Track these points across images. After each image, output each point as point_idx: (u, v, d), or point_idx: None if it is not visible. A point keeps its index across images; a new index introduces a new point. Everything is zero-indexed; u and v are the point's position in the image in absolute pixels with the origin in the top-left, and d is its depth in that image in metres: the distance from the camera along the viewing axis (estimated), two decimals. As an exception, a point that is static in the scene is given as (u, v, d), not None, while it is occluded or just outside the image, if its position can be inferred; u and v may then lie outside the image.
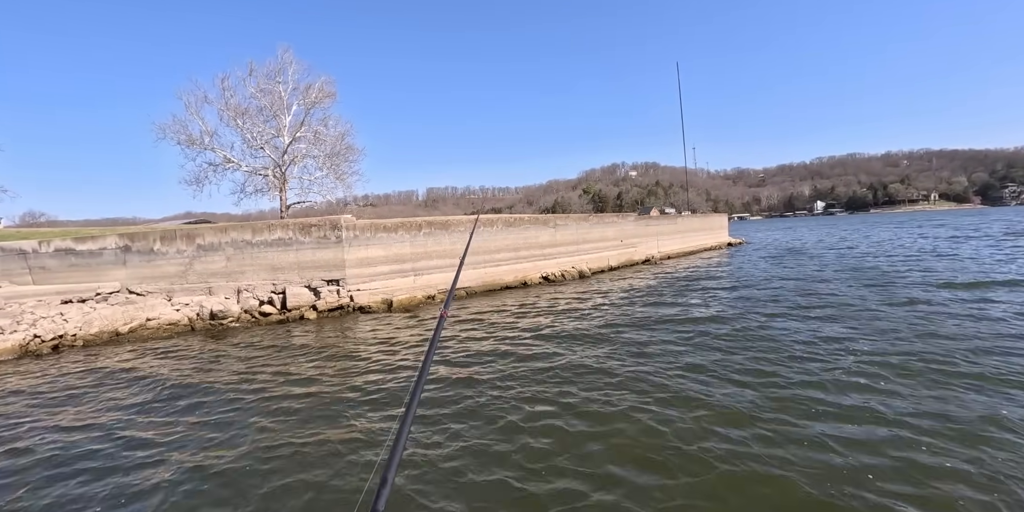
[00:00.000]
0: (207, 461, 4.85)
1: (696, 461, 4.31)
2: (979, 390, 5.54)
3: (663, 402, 5.67)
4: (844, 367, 6.53)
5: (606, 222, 21.96)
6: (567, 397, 6.02)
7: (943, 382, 5.82)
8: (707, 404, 5.54)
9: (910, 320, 9.17)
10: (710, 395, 5.79)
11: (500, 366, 7.60)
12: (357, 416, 5.80)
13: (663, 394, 5.92)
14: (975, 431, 4.57)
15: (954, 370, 6.20)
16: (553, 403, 5.86)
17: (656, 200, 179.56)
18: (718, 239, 36.00)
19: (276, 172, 31.30)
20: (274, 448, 5.05)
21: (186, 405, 6.63)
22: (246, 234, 13.46)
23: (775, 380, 6.22)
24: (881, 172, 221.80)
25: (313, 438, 5.25)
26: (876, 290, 12.73)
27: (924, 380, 5.93)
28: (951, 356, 6.75)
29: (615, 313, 11.47)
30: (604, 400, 5.86)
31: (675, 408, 5.48)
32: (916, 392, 5.56)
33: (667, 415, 5.29)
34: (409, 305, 13.45)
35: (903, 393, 5.55)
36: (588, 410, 5.60)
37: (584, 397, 6.01)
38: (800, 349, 7.61)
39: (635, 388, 6.20)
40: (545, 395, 6.14)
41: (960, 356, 6.73)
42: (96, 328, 12.01)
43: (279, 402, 6.47)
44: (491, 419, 5.47)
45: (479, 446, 4.82)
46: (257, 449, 5.05)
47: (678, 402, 5.66)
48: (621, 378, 6.64)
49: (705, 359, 7.40)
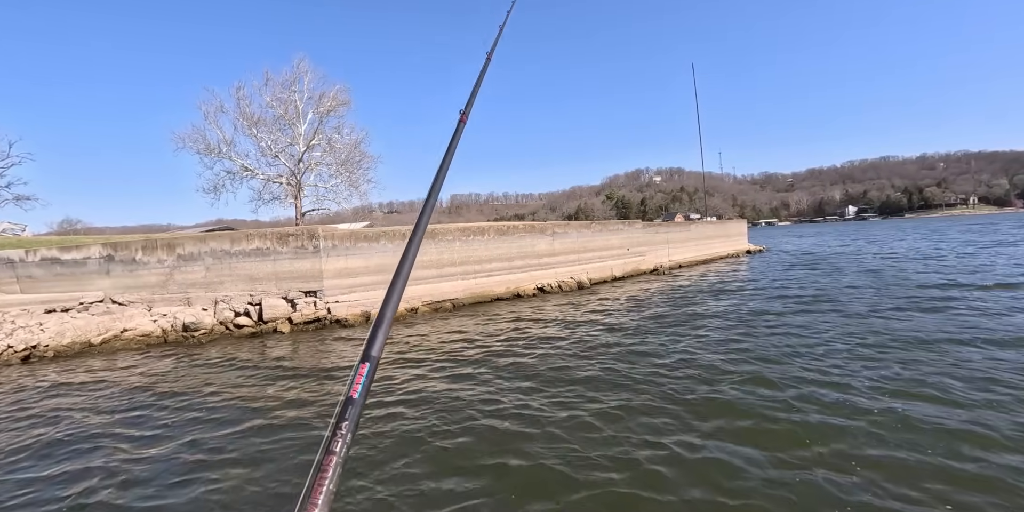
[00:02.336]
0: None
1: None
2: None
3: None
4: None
5: (610, 229, 21.11)
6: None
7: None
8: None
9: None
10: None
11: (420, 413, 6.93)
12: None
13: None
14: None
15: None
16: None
17: (681, 206, 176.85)
18: (736, 246, 34.64)
19: (291, 180, 31.44)
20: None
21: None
22: (224, 244, 13.13)
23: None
24: (916, 175, 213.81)
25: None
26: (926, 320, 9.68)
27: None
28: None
29: (562, 342, 9.49)
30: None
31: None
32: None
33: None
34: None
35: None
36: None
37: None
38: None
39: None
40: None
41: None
42: (68, 339, 11.79)
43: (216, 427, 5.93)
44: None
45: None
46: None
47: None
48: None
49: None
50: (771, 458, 4.40)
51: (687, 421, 5.33)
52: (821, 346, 8.11)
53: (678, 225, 28.62)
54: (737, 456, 4.47)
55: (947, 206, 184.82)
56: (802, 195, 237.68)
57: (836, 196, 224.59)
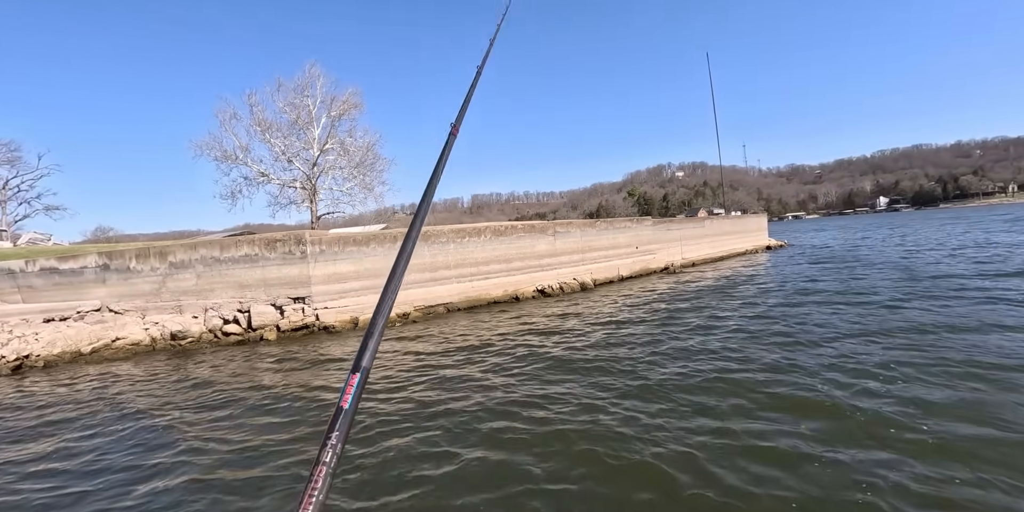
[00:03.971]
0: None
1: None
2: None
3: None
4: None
5: (617, 228, 20.46)
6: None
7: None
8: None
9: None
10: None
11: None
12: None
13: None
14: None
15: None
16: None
17: (704, 201, 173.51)
18: (755, 242, 33.48)
19: (306, 184, 31.58)
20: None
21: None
22: (214, 251, 12.99)
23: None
24: (951, 163, 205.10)
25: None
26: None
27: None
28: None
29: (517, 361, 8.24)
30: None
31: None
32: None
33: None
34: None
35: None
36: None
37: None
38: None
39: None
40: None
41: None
42: (59, 348, 11.79)
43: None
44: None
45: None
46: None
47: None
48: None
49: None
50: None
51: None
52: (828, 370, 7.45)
53: (691, 221, 27.73)
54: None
55: (984, 195, 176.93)
56: (830, 187, 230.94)
57: (866, 187, 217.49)
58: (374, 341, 1.17)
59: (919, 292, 11.98)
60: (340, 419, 1.02)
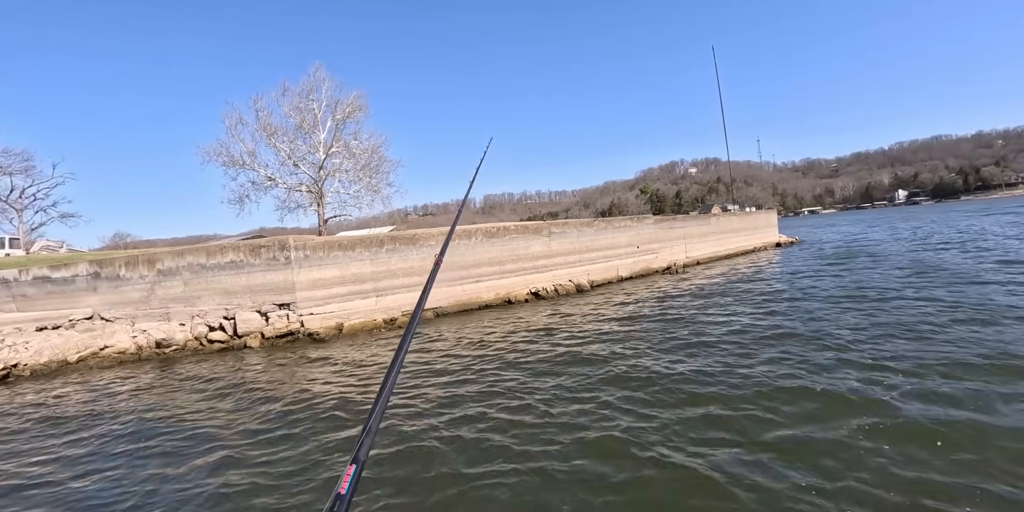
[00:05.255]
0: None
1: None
2: None
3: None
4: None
5: (616, 227, 20.05)
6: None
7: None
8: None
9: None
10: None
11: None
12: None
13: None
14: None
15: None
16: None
17: (718, 197, 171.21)
18: (764, 239, 32.76)
19: (313, 187, 31.60)
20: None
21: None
22: (200, 257, 12.90)
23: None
24: (972, 155, 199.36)
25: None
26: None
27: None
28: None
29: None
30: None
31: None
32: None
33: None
34: (363, 330, 12.40)
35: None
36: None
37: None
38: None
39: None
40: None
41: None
42: (46, 357, 11.78)
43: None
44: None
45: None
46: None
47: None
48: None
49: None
50: None
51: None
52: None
53: (695, 219, 27.16)
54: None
55: (1007, 186, 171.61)
56: (848, 180, 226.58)
57: (884, 180, 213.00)
58: (370, 437, 1.21)
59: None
60: (337, 505, 1.06)
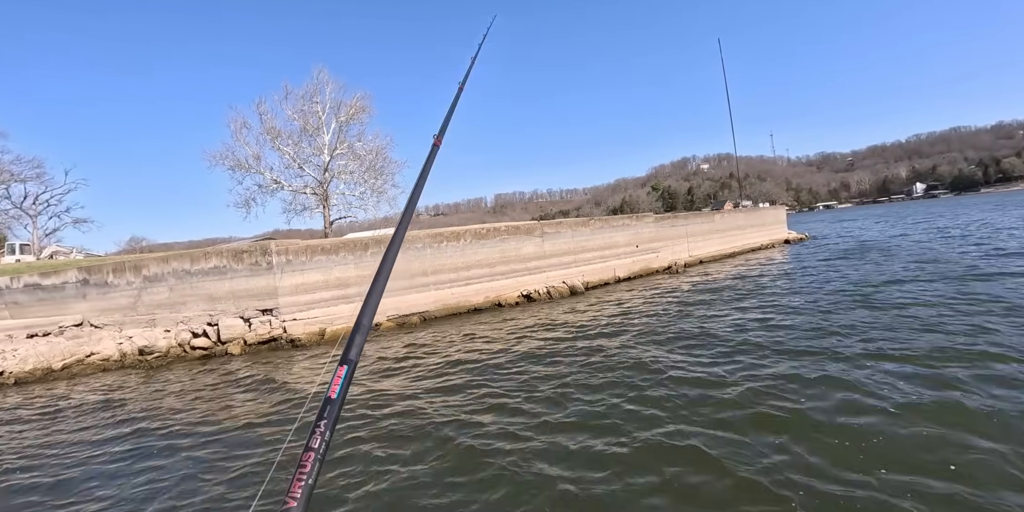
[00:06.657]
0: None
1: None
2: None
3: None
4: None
5: (614, 226, 19.65)
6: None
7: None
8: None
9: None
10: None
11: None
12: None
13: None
14: None
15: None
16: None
17: (730, 193, 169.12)
18: (772, 236, 32.06)
19: (318, 189, 31.63)
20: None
21: None
22: (185, 263, 12.82)
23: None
24: (992, 146, 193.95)
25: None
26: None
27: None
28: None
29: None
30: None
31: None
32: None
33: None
34: (346, 335, 12.21)
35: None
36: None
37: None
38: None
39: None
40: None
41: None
42: (31, 365, 11.76)
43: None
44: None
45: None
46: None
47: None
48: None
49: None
50: None
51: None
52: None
53: (698, 216, 26.63)
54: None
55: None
56: (863, 174, 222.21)
57: (902, 173, 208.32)
58: (361, 336, 1.28)
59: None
60: (328, 408, 1.10)
